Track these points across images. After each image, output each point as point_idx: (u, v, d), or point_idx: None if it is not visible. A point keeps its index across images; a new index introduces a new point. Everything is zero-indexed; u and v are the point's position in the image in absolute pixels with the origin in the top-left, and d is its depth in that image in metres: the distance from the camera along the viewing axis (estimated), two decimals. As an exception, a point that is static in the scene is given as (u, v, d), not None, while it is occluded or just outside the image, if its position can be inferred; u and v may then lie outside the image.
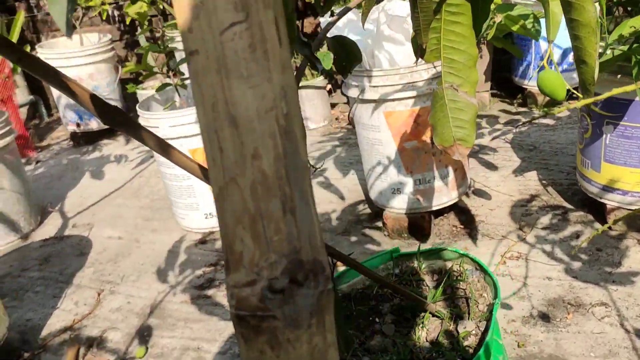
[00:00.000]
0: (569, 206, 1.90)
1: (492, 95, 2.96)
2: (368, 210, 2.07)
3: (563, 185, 2.02)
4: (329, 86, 3.04)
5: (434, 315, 1.09)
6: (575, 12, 0.83)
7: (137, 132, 0.65)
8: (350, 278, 1.20)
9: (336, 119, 3.06)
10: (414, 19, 1.05)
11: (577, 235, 1.74)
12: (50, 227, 2.36)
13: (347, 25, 1.78)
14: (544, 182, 2.07)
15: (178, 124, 1.92)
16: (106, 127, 3.24)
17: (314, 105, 2.94)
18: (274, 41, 0.35)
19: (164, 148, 0.69)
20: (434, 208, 1.82)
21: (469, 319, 1.07)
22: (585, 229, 1.77)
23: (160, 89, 2.09)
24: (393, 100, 1.67)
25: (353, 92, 1.75)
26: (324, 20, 1.84)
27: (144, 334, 1.61)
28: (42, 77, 0.58)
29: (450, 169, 1.79)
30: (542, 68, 1.08)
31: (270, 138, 0.36)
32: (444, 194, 1.80)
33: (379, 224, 1.95)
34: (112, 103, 3.28)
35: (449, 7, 1.01)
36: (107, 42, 3.18)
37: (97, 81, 3.13)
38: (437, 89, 1.10)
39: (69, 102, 3.16)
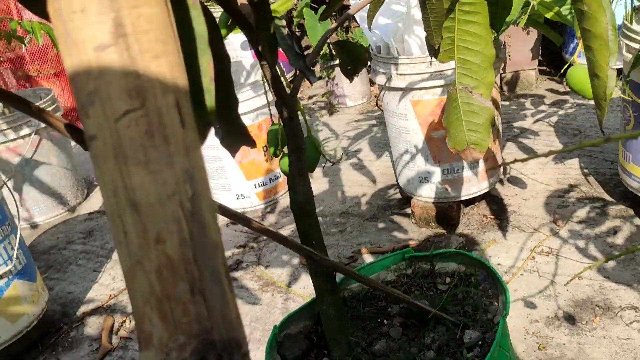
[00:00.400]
0: (609, 199, 1.81)
1: (541, 72, 2.81)
2: (398, 196, 2.05)
3: (605, 176, 1.92)
4: (369, 62, 2.98)
5: (441, 322, 1.07)
6: (587, 22, 0.77)
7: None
8: (361, 277, 1.19)
9: (375, 96, 3.00)
10: (424, 19, 1.01)
11: (614, 232, 1.66)
12: (95, 201, 2.47)
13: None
14: (585, 171, 1.98)
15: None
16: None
17: (352, 83, 2.89)
18: (174, 125, 0.34)
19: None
20: (463, 198, 1.77)
21: (476, 328, 1.05)
22: (625, 224, 1.68)
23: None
24: (420, 88, 1.62)
25: (380, 79, 1.71)
26: (354, 2, 1.79)
27: (171, 314, 1.67)
28: (17, 108, 0.60)
29: (481, 159, 1.73)
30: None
31: (174, 222, 0.36)
32: (474, 184, 1.75)
33: (408, 210, 1.93)
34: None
35: (463, 7, 0.96)
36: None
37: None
38: (451, 90, 1.07)
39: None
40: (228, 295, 0.40)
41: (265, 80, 1.80)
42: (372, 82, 3.10)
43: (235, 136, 0.66)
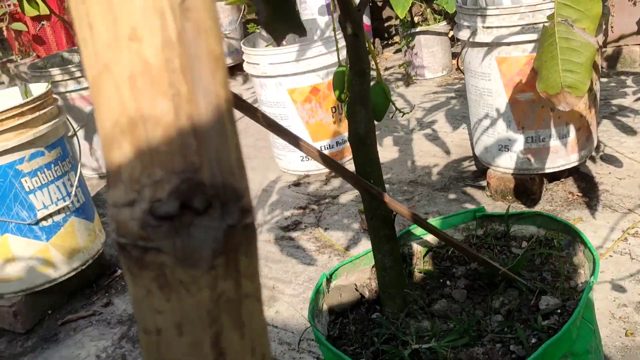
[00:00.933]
0: None
1: (646, 48, 2.53)
2: (473, 168, 1.89)
3: None
4: (452, 32, 2.80)
5: (513, 286, 0.94)
6: None
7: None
8: (424, 233, 1.08)
9: (457, 69, 2.83)
10: None
11: None
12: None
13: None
14: (694, 151, 1.74)
15: (277, 61, 1.87)
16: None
17: (433, 53, 2.73)
18: None
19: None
20: (547, 171, 1.60)
21: (555, 295, 0.91)
22: None
23: (267, 25, 2.04)
24: (509, 44, 1.46)
25: (464, 34, 1.56)
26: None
27: (225, 268, 1.63)
28: None
29: (572, 128, 1.55)
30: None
31: (155, 15, 0.26)
32: (561, 156, 1.57)
33: (483, 182, 1.77)
34: (233, 42, 3.34)
35: None
36: (232, -19, 3.20)
37: (220, 19, 3.17)
38: (547, 24, 0.92)
39: (194, 40, 3.26)
40: (228, 130, 0.30)
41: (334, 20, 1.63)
42: (454, 55, 2.92)
43: (284, 22, 0.57)
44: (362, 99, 0.84)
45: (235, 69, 3.35)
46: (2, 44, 3.67)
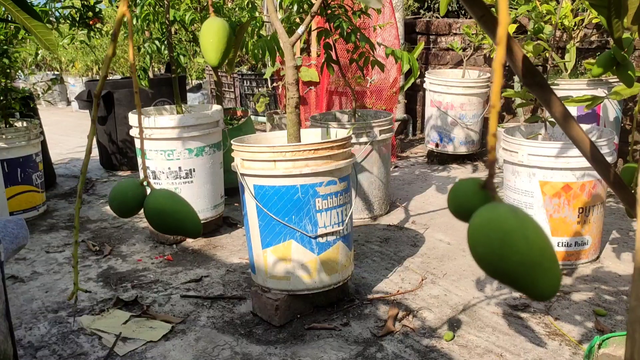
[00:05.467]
0: None
1: None
2: None
3: None
4: None
5: None
6: None
7: (546, 94, 0.77)
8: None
9: None
10: None
11: None
12: (393, 217, 2.72)
13: None
14: None
15: (537, 153, 2.00)
16: (458, 153, 3.52)
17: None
18: None
19: (565, 117, 0.79)
20: None
21: None
22: None
23: (529, 120, 2.21)
24: None
25: None
26: None
27: (453, 324, 1.75)
28: (492, 34, 0.75)
29: None
30: None
31: None
32: None
33: None
34: (472, 134, 3.53)
35: None
36: (484, 80, 3.47)
37: (465, 111, 3.43)
38: None
39: (435, 124, 3.55)
40: None
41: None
42: None
43: None
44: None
45: (466, 158, 3.56)
46: (273, 98, 4.39)
